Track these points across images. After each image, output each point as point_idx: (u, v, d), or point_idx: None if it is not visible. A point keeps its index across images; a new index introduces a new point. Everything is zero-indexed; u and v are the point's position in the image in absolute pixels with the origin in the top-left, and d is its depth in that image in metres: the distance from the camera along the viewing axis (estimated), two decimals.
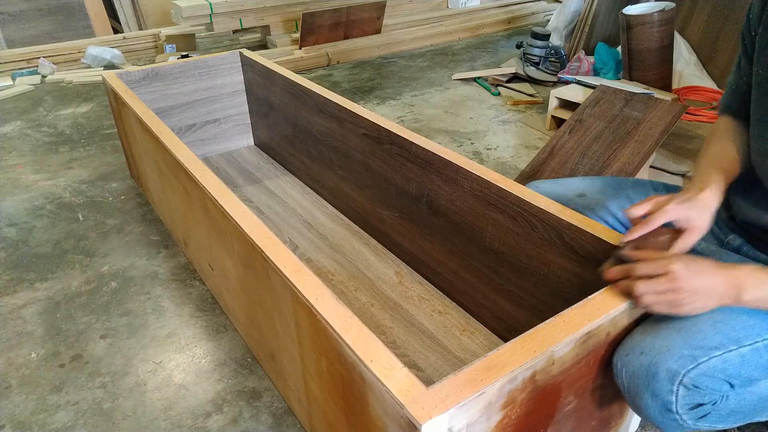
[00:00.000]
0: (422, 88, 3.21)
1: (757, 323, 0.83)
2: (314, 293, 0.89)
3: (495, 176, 1.24)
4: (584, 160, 1.92)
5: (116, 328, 1.49)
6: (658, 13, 2.55)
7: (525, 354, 0.75)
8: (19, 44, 4.07)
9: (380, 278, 1.60)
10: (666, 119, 2.04)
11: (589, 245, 1.05)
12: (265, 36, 3.95)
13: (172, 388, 1.31)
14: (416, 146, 1.41)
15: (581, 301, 0.84)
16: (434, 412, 0.68)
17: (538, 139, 2.52)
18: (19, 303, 1.59)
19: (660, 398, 0.80)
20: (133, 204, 2.06)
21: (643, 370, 0.81)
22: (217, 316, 1.52)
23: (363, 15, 3.79)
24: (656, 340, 0.83)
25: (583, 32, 3.32)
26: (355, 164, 1.71)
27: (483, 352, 1.34)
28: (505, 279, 1.29)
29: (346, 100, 1.69)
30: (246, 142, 2.41)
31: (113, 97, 1.93)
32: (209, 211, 1.25)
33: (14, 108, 3.02)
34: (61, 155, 2.47)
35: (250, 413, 1.24)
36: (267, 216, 1.91)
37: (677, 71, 2.85)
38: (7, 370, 1.37)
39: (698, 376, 0.79)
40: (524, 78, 3.23)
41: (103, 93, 3.22)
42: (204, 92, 2.20)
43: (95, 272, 1.70)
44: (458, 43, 4.11)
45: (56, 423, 1.23)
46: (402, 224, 1.59)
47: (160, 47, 3.91)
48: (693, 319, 0.84)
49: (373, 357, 0.76)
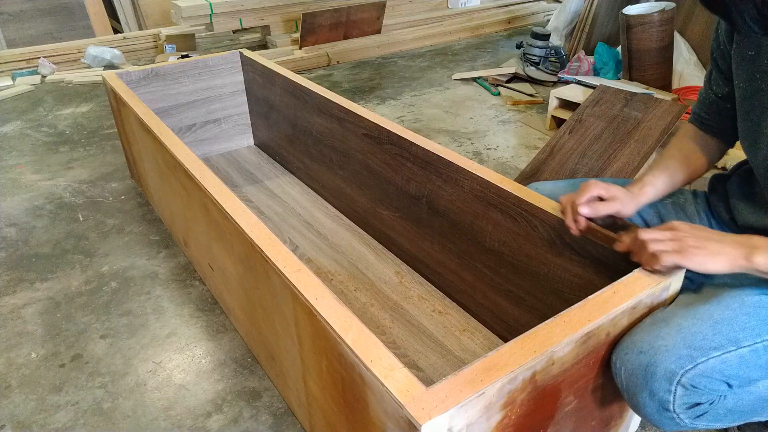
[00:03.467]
0: (422, 88, 3.21)
1: (757, 324, 0.83)
2: (314, 293, 0.89)
3: (495, 176, 1.24)
4: (584, 160, 1.92)
5: (116, 328, 1.49)
6: (658, 13, 2.55)
7: (525, 354, 0.75)
8: (19, 44, 4.07)
9: (380, 278, 1.60)
10: (666, 119, 2.04)
11: (589, 245, 1.05)
12: (265, 36, 3.95)
13: (172, 388, 1.31)
14: (416, 146, 1.41)
15: (581, 301, 0.84)
16: (434, 412, 0.68)
17: (538, 139, 2.52)
18: (19, 303, 1.59)
19: (657, 397, 0.80)
20: (133, 204, 2.06)
21: (641, 370, 0.81)
22: (217, 316, 1.52)
23: (363, 15, 3.79)
24: (655, 340, 0.83)
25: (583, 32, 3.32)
26: (355, 164, 1.71)
27: (483, 352, 1.34)
28: (505, 279, 1.29)
29: (346, 100, 1.69)
30: (246, 142, 2.41)
31: (113, 97, 1.93)
32: (209, 211, 1.25)
33: (14, 108, 3.02)
34: (61, 155, 2.47)
35: (250, 413, 1.24)
36: (267, 216, 1.91)
37: (677, 71, 2.85)
38: (7, 370, 1.37)
39: (696, 376, 0.79)
40: (524, 78, 3.23)
41: (103, 93, 3.22)
42: (204, 92, 2.20)
43: (95, 272, 1.70)
44: (458, 43, 4.11)
45: (56, 423, 1.23)
46: (402, 224, 1.59)
47: (160, 47, 3.91)
48: (692, 319, 0.84)
49: (373, 357, 0.76)
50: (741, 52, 0.93)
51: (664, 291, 0.91)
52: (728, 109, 1.03)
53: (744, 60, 0.93)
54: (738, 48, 0.94)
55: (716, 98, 1.05)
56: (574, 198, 1.01)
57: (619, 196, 0.98)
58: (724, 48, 0.98)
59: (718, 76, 1.03)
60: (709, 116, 1.08)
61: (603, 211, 0.98)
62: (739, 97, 0.96)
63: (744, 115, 0.96)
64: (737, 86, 0.96)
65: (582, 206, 0.99)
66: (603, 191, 0.99)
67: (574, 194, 1.02)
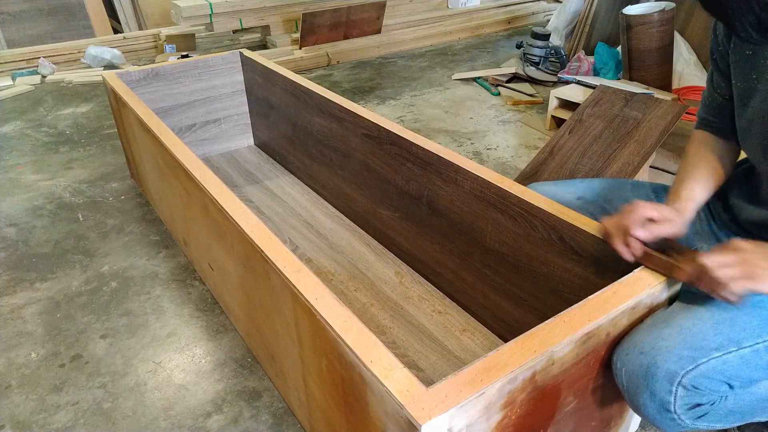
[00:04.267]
0: (422, 88, 3.20)
1: (758, 325, 0.83)
2: (314, 293, 0.89)
3: (495, 176, 1.24)
4: (584, 160, 1.92)
5: (116, 328, 1.49)
6: (658, 13, 2.55)
7: (525, 354, 0.75)
8: (19, 44, 4.07)
9: (380, 278, 1.60)
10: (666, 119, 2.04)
11: (589, 245, 1.05)
12: (265, 36, 3.95)
13: (172, 388, 1.31)
14: (416, 146, 1.41)
15: (581, 301, 0.84)
16: (434, 412, 0.68)
17: (538, 139, 2.52)
18: (19, 303, 1.59)
19: (658, 398, 0.80)
20: (133, 204, 2.06)
21: (642, 370, 0.81)
22: (217, 316, 1.52)
23: (363, 15, 3.79)
24: (656, 341, 0.83)
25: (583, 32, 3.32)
26: (355, 164, 1.71)
27: (483, 352, 1.34)
28: (505, 279, 1.29)
29: (346, 100, 1.69)
30: (246, 142, 2.41)
31: (113, 97, 1.93)
32: (209, 211, 1.25)
33: (14, 108, 3.02)
34: (61, 155, 2.47)
35: (250, 413, 1.24)
36: (267, 216, 1.91)
37: (677, 71, 2.85)
38: (7, 370, 1.37)
39: (697, 377, 0.79)
40: (524, 78, 3.23)
41: (103, 93, 3.22)
42: (204, 92, 2.20)
43: (95, 272, 1.70)
44: (458, 43, 4.11)
45: (56, 423, 1.23)
46: (402, 224, 1.59)
47: (160, 47, 3.91)
48: (693, 319, 0.84)
49: (373, 357, 0.76)
50: (739, 51, 0.93)
51: (664, 291, 0.91)
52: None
53: (741, 59, 0.93)
54: (736, 47, 0.94)
55: (723, 100, 1.03)
56: (622, 220, 0.92)
57: (670, 216, 0.91)
58: (723, 48, 0.98)
59: (720, 78, 1.02)
60: (718, 119, 1.05)
61: (658, 233, 0.90)
62: (736, 95, 0.96)
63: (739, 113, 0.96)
64: (734, 85, 0.96)
65: (636, 229, 0.90)
66: (654, 212, 0.90)
67: (619, 216, 0.93)
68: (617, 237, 0.92)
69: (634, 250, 0.91)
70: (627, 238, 0.91)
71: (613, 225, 0.94)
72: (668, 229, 0.90)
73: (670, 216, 0.91)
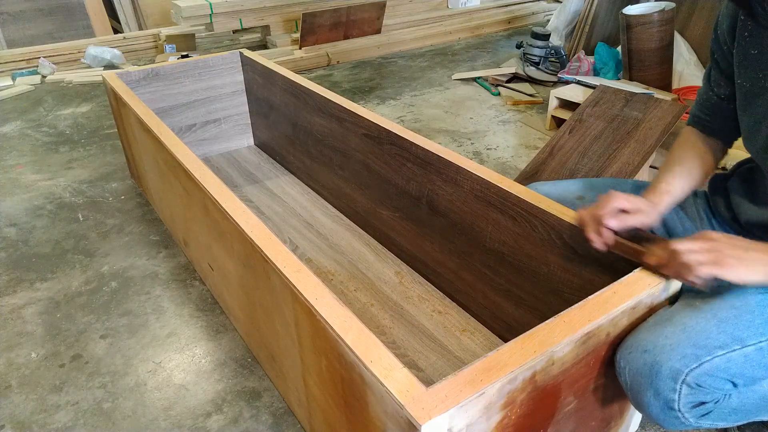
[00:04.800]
0: (422, 88, 3.20)
1: (762, 323, 0.83)
2: (314, 293, 0.89)
3: (495, 176, 1.24)
4: (584, 160, 1.92)
5: (116, 328, 1.49)
6: (658, 13, 2.55)
7: (525, 354, 0.75)
8: (19, 44, 4.07)
9: (380, 278, 1.60)
10: (666, 119, 2.04)
11: (589, 245, 1.05)
12: (265, 36, 3.95)
13: (172, 388, 1.31)
14: (416, 146, 1.41)
15: (581, 301, 0.84)
16: (434, 412, 0.68)
17: (538, 139, 2.52)
18: (19, 303, 1.59)
19: (662, 396, 0.80)
20: (133, 204, 2.06)
21: (646, 368, 0.81)
22: (217, 316, 1.52)
23: (363, 15, 3.79)
24: (660, 339, 0.83)
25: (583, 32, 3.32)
26: (355, 164, 1.71)
27: (483, 352, 1.34)
28: (505, 279, 1.29)
29: (346, 100, 1.69)
30: (246, 142, 2.41)
31: (113, 97, 1.93)
32: (209, 211, 1.25)
33: (14, 108, 3.02)
34: (61, 155, 2.47)
35: (250, 413, 1.24)
36: (267, 216, 1.91)
37: (677, 71, 2.85)
38: (7, 370, 1.37)
39: (701, 375, 0.79)
40: (524, 78, 3.23)
41: (103, 93, 3.22)
42: (204, 92, 2.20)
43: (95, 272, 1.70)
44: (458, 43, 4.11)
45: (56, 423, 1.23)
46: (402, 224, 1.59)
47: (160, 47, 3.91)
48: (697, 317, 0.84)
49: (373, 357, 0.76)
50: (743, 51, 0.93)
51: (664, 291, 0.91)
52: (731, 110, 1.01)
53: (746, 59, 0.92)
54: (740, 47, 0.93)
55: (719, 100, 1.03)
56: (595, 210, 0.95)
57: (642, 207, 0.95)
58: (726, 47, 0.98)
59: (720, 77, 1.02)
60: (710, 118, 1.06)
61: (630, 223, 0.93)
62: (740, 95, 0.96)
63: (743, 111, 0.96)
64: (739, 85, 0.96)
65: (608, 218, 0.93)
66: (626, 202, 0.94)
67: (593, 206, 0.97)
68: (590, 226, 0.97)
69: (606, 239, 0.95)
70: (599, 228, 0.95)
71: (588, 215, 0.98)
72: (640, 219, 0.94)
73: (642, 207, 0.95)
